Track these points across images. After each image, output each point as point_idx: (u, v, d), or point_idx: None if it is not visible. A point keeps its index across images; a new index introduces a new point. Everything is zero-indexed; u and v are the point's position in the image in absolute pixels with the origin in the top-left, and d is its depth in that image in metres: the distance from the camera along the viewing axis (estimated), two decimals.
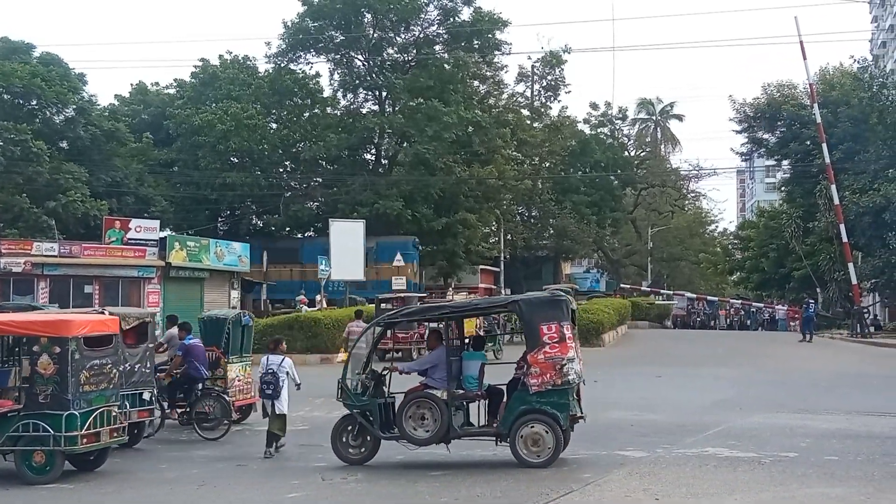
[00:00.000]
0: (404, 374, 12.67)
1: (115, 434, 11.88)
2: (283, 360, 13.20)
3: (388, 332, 14.02)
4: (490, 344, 29.37)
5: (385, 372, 12.34)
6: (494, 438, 11.76)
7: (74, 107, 42.35)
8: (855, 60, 53.21)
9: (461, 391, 11.98)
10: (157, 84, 54.77)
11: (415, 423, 11.61)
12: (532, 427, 11.26)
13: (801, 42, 37.38)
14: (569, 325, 11.54)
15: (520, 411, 11.34)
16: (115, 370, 11.99)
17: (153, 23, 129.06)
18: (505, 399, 11.81)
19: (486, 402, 12.12)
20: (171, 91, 53.32)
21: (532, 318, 11.62)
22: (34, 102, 42.12)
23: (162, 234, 37.42)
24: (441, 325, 12.63)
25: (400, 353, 24.09)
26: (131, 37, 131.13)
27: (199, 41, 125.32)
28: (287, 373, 13.06)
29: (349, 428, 11.99)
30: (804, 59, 37.99)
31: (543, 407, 11.27)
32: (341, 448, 11.97)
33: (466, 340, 13.07)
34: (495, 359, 28.78)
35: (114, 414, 11.85)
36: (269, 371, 12.89)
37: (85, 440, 11.31)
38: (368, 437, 11.93)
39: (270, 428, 12.89)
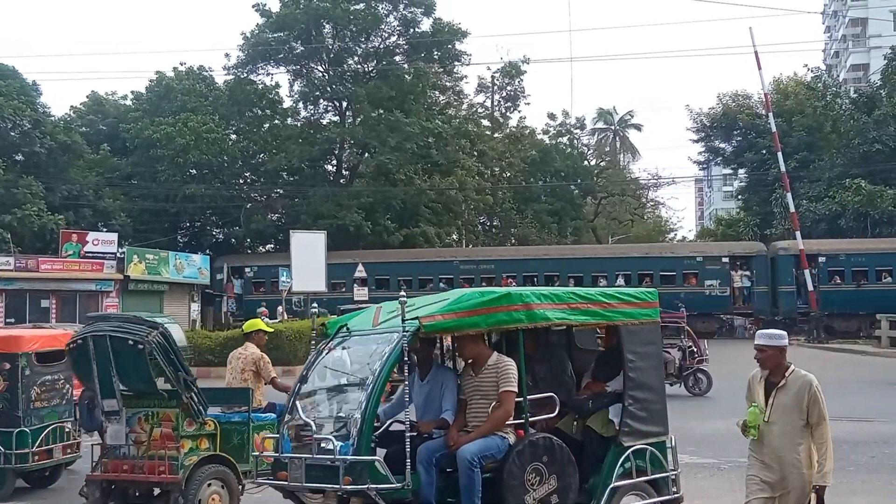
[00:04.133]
0: None
1: (69, 451, 11.69)
2: None
3: None
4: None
5: None
6: None
7: (30, 119, 41.80)
8: (809, 70, 54.21)
9: None
10: (114, 93, 54.27)
11: None
12: None
13: (756, 52, 37.89)
14: None
15: None
16: (67, 385, 11.81)
17: (107, 34, 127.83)
18: None
19: None
20: (128, 102, 52.79)
21: None
22: None
23: (120, 251, 36.98)
24: None
25: None
26: (84, 48, 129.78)
27: (156, 52, 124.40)
28: None
29: None
30: (759, 69, 38.50)
31: None
32: None
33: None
34: None
35: (67, 430, 11.66)
36: None
37: (37, 457, 11.11)
38: None
39: None
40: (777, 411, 6.38)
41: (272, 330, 10.23)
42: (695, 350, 20.58)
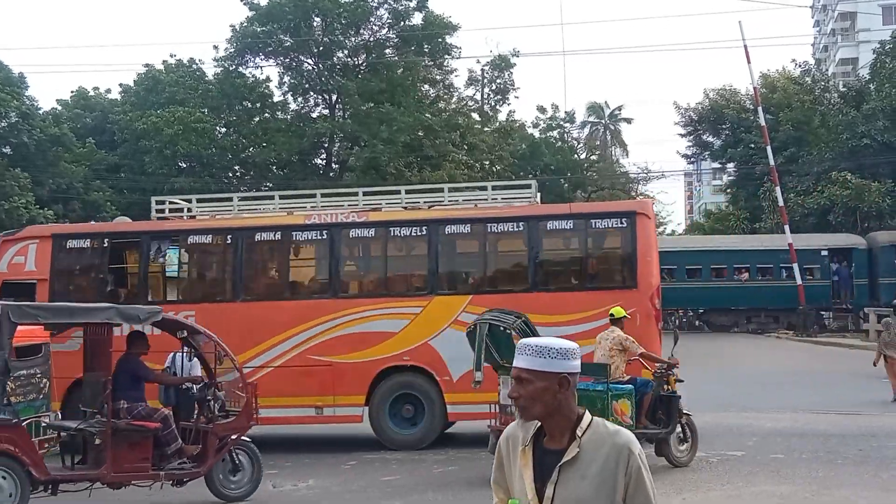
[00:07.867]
0: None
1: (46, 445, 11.46)
2: None
3: None
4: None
5: None
6: None
7: (17, 111, 41.54)
8: (797, 64, 54.34)
9: None
10: (97, 89, 53.93)
11: None
12: None
13: (746, 46, 37.93)
14: None
15: None
16: (44, 380, 11.68)
17: (93, 27, 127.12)
18: None
19: None
20: (115, 96, 52.54)
21: None
22: None
23: None
24: None
25: None
26: (71, 40, 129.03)
27: (143, 45, 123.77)
28: None
29: None
30: (748, 62, 38.52)
31: None
32: None
33: None
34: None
35: (43, 425, 11.48)
36: None
37: None
38: None
39: None
40: None
41: (629, 316, 12.45)
42: None
